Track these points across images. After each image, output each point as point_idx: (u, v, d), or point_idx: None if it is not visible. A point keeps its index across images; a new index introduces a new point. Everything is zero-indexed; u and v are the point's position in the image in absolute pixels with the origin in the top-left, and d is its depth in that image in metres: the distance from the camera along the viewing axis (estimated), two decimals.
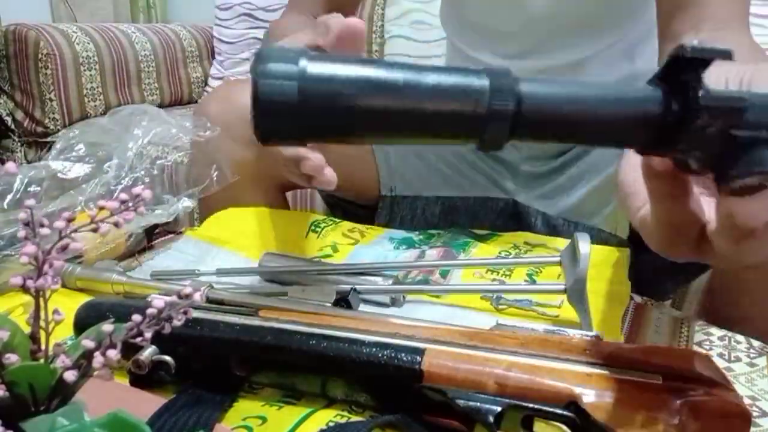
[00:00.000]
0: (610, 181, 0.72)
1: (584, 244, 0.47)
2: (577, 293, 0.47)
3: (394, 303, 0.53)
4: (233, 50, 1.88)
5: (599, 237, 0.75)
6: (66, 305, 0.27)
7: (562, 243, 0.69)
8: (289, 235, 0.69)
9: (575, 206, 0.80)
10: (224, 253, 0.66)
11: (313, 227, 0.71)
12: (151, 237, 0.69)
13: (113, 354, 0.24)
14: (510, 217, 0.89)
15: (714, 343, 0.50)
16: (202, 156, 0.69)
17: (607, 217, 0.74)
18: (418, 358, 0.34)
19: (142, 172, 0.64)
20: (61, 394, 0.24)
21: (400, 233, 0.73)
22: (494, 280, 0.59)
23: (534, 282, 0.59)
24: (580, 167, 0.80)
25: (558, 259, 0.51)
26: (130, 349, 0.28)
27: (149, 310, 0.25)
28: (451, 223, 0.88)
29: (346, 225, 0.72)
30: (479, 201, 0.87)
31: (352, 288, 0.48)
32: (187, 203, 0.64)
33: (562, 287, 0.49)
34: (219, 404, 0.36)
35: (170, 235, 0.72)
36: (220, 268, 0.59)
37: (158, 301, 0.25)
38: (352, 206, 0.90)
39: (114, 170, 0.63)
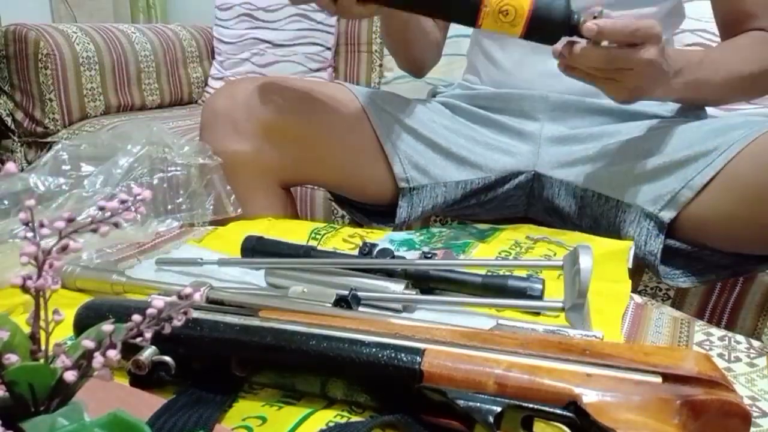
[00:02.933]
0: (670, 163, 0.72)
1: (586, 258, 0.46)
2: (575, 316, 0.47)
3: (405, 309, 0.53)
4: (233, 50, 1.88)
5: (637, 214, 0.74)
6: (66, 305, 0.27)
7: (563, 235, 0.69)
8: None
9: (607, 178, 0.78)
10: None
11: (313, 234, 0.71)
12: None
13: (113, 354, 0.24)
14: (530, 191, 0.88)
15: (714, 343, 0.50)
16: (201, 182, 0.69)
17: (656, 199, 0.73)
18: (418, 359, 0.34)
19: (124, 188, 0.63)
20: (61, 394, 0.24)
21: (401, 235, 0.73)
22: None
23: None
24: (617, 142, 0.79)
25: (560, 263, 0.51)
26: (130, 350, 0.28)
27: (149, 311, 0.25)
28: (471, 200, 0.87)
29: (346, 231, 0.73)
30: (499, 179, 0.86)
31: (351, 289, 0.48)
32: (170, 223, 0.64)
33: (560, 305, 0.49)
34: (219, 404, 0.36)
35: (175, 242, 0.72)
36: (222, 259, 0.60)
37: (158, 302, 0.25)
38: (367, 204, 0.90)
39: (92, 186, 0.62)
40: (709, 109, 0.87)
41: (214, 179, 0.69)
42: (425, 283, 0.55)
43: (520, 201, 0.90)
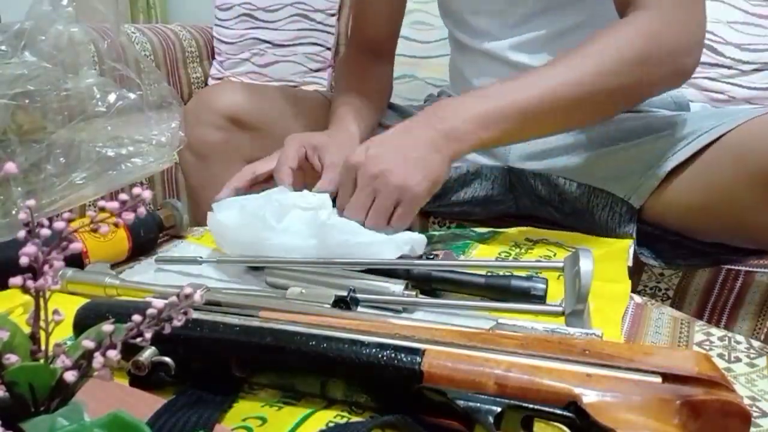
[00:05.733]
0: (637, 150, 0.73)
1: (586, 262, 0.46)
2: (575, 321, 0.46)
3: (405, 309, 0.53)
4: (233, 50, 1.88)
5: (608, 199, 0.75)
6: (65, 306, 0.27)
7: (564, 236, 0.69)
8: None
9: (577, 165, 0.79)
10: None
11: None
12: (156, 242, 0.69)
13: (113, 354, 0.24)
14: (505, 186, 0.89)
15: (714, 343, 0.50)
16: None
17: (625, 185, 0.74)
18: (418, 359, 0.34)
19: None
20: (61, 394, 0.24)
21: None
22: None
23: None
24: (584, 133, 0.80)
25: (561, 264, 0.51)
26: (129, 350, 0.28)
27: (149, 311, 0.25)
28: (444, 189, 0.88)
29: None
30: (471, 171, 0.88)
31: (350, 290, 0.48)
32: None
33: (561, 309, 0.49)
34: (219, 405, 0.36)
35: (175, 240, 0.73)
36: (222, 257, 0.60)
37: (158, 302, 0.25)
38: None
39: None
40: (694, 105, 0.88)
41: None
42: (427, 284, 0.55)
43: (506, 197, 0.91)
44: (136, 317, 0.25)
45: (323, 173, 0.67)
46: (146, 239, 0.67)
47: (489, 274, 0.55)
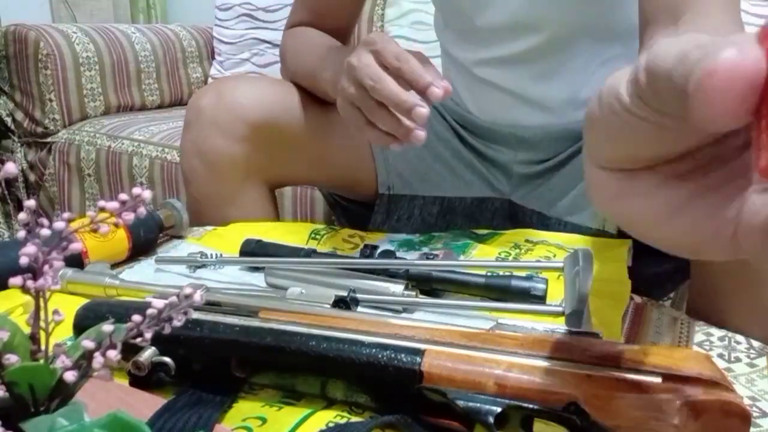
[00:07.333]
0: None
1: (586, 262, 0.46)
2: (575, 321, 0.46)
3: (405, 309, 0.53)
4: (233, 51, 1.88)
5: (589, 234, 0.75)
6: (65, 306, 0.27)
7: (563, 239, 0.69)
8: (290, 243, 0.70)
9: (569, 205, 0.80)
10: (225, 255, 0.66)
11: (313, 235, 0.71)
12: (156, 242, 0.69)
13: (113, 354, 0.24)
14: (507, 218, 0.89)
15: (714, 343, 0.50)
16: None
17: (593, 214, 0.74)
18: (418, 359, 0.34)
19: None
20: (61, 394, 0.24)
21: (401, 236, 0.73)
22: None
23: None
24: (574, 166, 0.80)
25: (561, 264, 0.51)
26: (129, 350, 0.28)
27: (149, 311, 0.25)
28: (449, 223, 0.88)
29: (346, 231, 0.73)
30: (476, 202, 0.87)
31: (350, 290, 0.48)
32: None
33: (561, 310, 0.49)
34: (219, 405, 0.37)
35: (174, 240, 0.73)
36: (222, 258, 0.60)
37: (158, 302, 0.25)
38: (353, 204, 0.90)
39: None
40: None
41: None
42: (427, 284, 0.55)
43: (506, 222, 0.90)
44: (136, 317, 0.25)
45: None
46: (146, 239, 0.67)
47: (489, 274, 0.55)
